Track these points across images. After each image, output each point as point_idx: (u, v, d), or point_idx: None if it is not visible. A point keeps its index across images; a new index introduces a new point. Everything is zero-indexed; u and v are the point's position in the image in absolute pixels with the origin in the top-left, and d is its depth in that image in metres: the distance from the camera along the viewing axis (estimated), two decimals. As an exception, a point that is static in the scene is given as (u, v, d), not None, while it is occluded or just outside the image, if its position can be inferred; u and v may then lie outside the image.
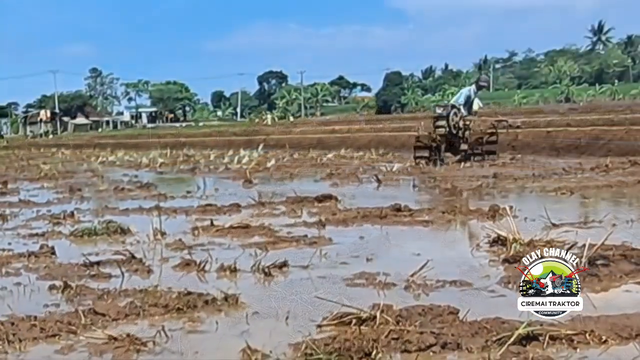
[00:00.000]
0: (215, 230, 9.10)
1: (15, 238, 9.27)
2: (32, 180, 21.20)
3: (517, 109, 65.57)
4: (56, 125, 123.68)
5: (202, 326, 4.99)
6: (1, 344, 4.63)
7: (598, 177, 15.30)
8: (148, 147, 42.82)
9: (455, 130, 19.76)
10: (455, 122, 19.69)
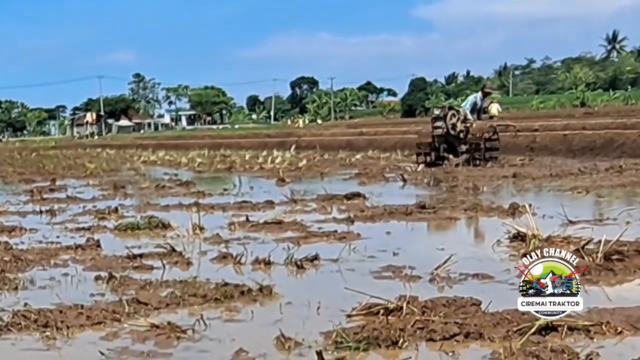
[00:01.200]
0: (251, 225, 9.10)
1: (64, 232, 9.32)
2: (78, 178, 21.34)
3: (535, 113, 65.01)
4: (101, 127, 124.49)
5: (239, 315, 4.99)
6: (50, 330, 4.65)
7: (612, 178, 15.16)
8: (187, 147, 42.96)
9: (454, 132, 19.22)
10: (453, 123, 19.15)
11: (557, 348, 3.91)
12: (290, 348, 4.14)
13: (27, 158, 40.00)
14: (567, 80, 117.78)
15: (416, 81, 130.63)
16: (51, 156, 41.89)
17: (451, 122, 18.96)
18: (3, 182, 21.26)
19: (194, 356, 4.16)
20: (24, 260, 7.05)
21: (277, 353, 4.12)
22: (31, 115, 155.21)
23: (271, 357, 4.03)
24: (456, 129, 19.04)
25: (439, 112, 19.84)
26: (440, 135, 19.27)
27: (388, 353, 4.09)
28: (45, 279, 6.33)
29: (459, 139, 19.22)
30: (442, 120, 19.16)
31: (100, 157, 36.02)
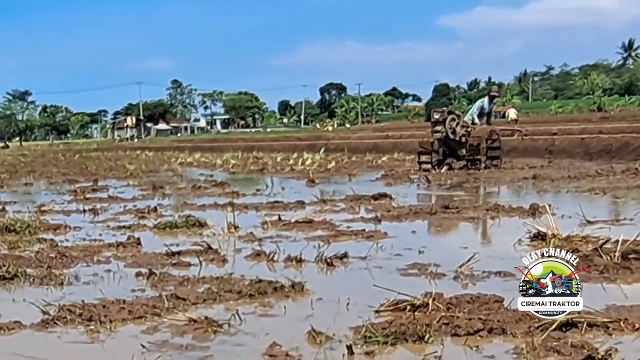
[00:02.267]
0: (283, 224, 9.11)
1: (105, 230, 9.36)
2: (119, 178, 21.45)
3: (554, 118, 64.71)
4: (140, 130, 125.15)
5: (272, 310, 4.99)
6: (94, 324, 4.68)
7: (628, 179, 15.03)
8: (222, 150, 43.04)
9: (453, 136, 18.79)
10: (452, 127, 18.73)
11: (577, 344, 3.89)
12: (321, 342, 4.14)
13: (71, 160, 40.25)
14: (584, 86, 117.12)
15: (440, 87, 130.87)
16: (93, 158, 42.14)
17: (450, 127, 18.61)
18: (48, 183, 21.40)
19: (230, 349, 4.16)
20: (69, 257, 7.09)
21: (308, 347, 4.12)
22: (74, 119, 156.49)
23: (303, 351, 4.03)
24: (456, 133, 18.69)
25: (439, 116, 19.31)
26: (439, 139, 18.96)
27: (415, 347, 4.08)
28: (89, 275, 6.37)
29: (460, 142, 18.91)
30: (442, 125, 18.78)
31: (139, 158, 36.19)
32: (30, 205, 12.93)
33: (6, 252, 7.64)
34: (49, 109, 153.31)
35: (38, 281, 6.11)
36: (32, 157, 49.78)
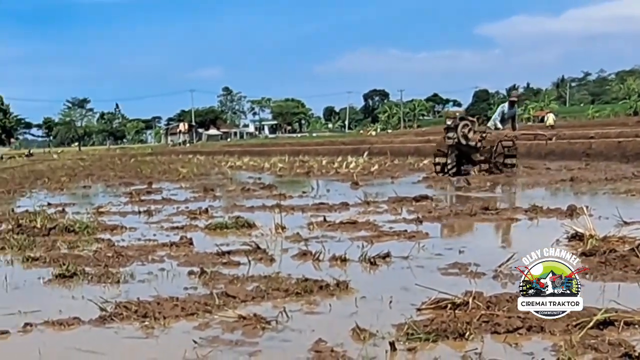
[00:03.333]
0: (328, 225, 9.10)
1: (159, 230, 9.44)
2: (172, 181, 21.61)
3: (591, 122, 63.97)
4: (192, 136, 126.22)
5: (318, 308, 4.99)
6: (149, 320, 4.72)
7: (664, 181, 14.81)
8: (269, 154, 43.21)
9: (465, 141, 18.19)
10: (464, 133, 18.19)
11: (615, 342, 3.83)
12: (365, 339, 4.13)
13: (127, 163, 40.67)
14: (620, 91, 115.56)
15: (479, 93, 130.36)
16: (148, 162, 42.51)
17: (462, 132, 18.18)
18: (105, 185, 21.63)
19: (277, 345, 4.17)
20: (125, 256, 7.17)
21: (353, 343, 4.11)
22: (130, 125, 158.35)
23: (348, 347, 4.02)
24: (468, 139, 18.19)
25: (451, 122, 18.80)
26: (452, 145, 18.58)
27: (455, 344, 4.06)
28: (143, 273, 6.42)
29: (475, 148, 18.40)
30: (454, 131, 18.30)
31: (191, 162, 36.41)
32: (89, 207, 13.06)
33: (66, 251, 7.75)
34: (106, 115, 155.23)
35: (96, 279, 6.17)
36: (90, 161, 50.42)
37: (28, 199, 16.79)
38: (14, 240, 8.42)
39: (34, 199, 16.37)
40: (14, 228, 9.38)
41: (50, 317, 4.83)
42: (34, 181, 24.57)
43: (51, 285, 6.12)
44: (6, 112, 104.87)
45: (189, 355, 4.01)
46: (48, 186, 21.66)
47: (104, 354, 4.14)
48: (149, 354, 4.08)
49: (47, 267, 6.80)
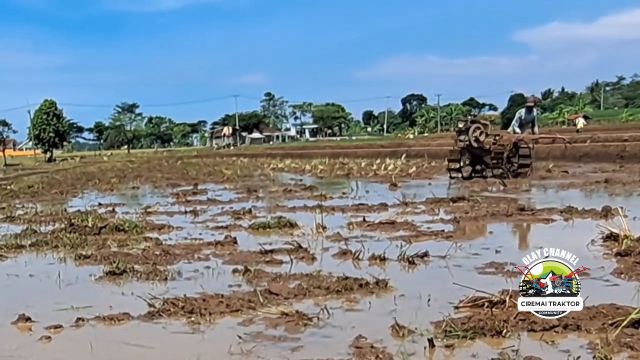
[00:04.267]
0: (367, 225, 9.08)
1: (205, 229, 9.49)
2: (217, 182, 21.71)
3: (625, 125, 63.18)
4: (236, 139, 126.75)
5: (358, 305, 4.97)
6: (195, 316, 4.75)
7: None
8: (310, 156, 43.17)
9: (477, 144, 17.87)
10: (476, 136, 17.82)
11: (650, 340, 3.78)
12: (404, 335, 4.11)
13: (173, 165, 41.00)
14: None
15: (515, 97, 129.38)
16: (193, 164, 42.75)
17: (474, 135, 17.88)
18: (153, 186, 21.81)
19: (319, 341, 4.16)
20: (172, 254, 7.22)
21: (392, 339, 4.09)
22: (177, 129, 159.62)
23: (387, 343, 4.00)
24: (480, 142, 17.85)
25: (462, 125, 18.57)
26: (463, 148, 18.29)
27: (493, 341, 4.02)
28: (190, 271, 6.46)
29: (487, 151, 18.03)
30: (465, 134, 18.01)
31: (235, 164, 36.56)
32: (138, 207, 13.20)
33: (116, 249, 7.82)
34: (154, 119, 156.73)
35: (144, 276, 6.23)
36: (138, 164, 50.88)
37: (80, 199, 17.00)
38: (66, 238, 8.53)
39: (86, 199, 16.59)
40: (67, 227, 9.51)
41: (101, 313, 4.88)
42: (85, 182, 24.89)
43: (102, 282, 6.18)
44: (60, 116, 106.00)
45: (234, 349, 4.03)
46: (99, 187, 21.92)
47: (152, 348, 4.17)
48: (196, 348, 4.09)
49: (98, 265, 6.87)
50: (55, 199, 17.17)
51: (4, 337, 4.52)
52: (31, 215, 12.44)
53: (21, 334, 4.59)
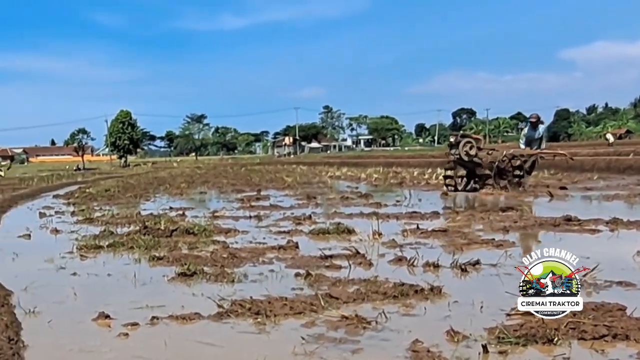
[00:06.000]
0: (420, 232, 9.00)
1: (268, 234, 9.51)
2: (278, 189, 21.76)
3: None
4: (296, 148, 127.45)
5: (413, 311, 4.92)
6: (261, 317, 4.76)
7: None
8: (365, 165, 43.00)
9: (467, 158, 17.22)
10: (466, 151, 17.16)
11: (700, 351, 3.67)
12: (458, 340, 4.06)
13: (238, 172, 41.25)
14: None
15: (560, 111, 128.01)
16: (256, 171, 43.00)
17: (465, 150, 17.55)
18: (219, 191, 21.97)
19: (377, 344, 4.14)
20: (239, 257, 7.26)
21: (447, 344, 4.04)
22: (241, 138, 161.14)
23: (443, 348, 3.96)
24: (470, 156, 17.25)
25: (453, 140, 18.09)
26: (454, 161, 17.86)
27: (544, 349, 3.95)
28: (255, 273, 6.48)
29: (479, 164, 17.39)
30: (456, 148, 17.49)
31: (295, 172, 36.59)
32: (205, 211, 13.33)
33: (186, 251, 7.90)
34: (220, 129, 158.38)
35: (213, 278, 6.27)
36: (205, 170, 51.36)
37: (152, 203, 17.24)
38: (141, 240, 8.65)
39: (157, 203, 16.82)
40: (141, 229, 9.64)
41: (174, 312, 4.93)
42: (157, 187, 25.25)
43: (174, 282, 6.24)
44: (134, 125, 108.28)
45: (298, 350, 4.03)
46: (169, 191, 22.21)
47: (221, 347, 4.19)
48: (262, 348, 4.10)
49: (170, 266, 6.95)
50: (129, 202, 17.44)
51: (85, 333, 4.59)
52: (108, 217, 12.65)
53: (100, 330, 4.66)
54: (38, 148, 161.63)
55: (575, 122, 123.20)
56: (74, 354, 4.18)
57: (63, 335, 4.58)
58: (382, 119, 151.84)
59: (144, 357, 4.01)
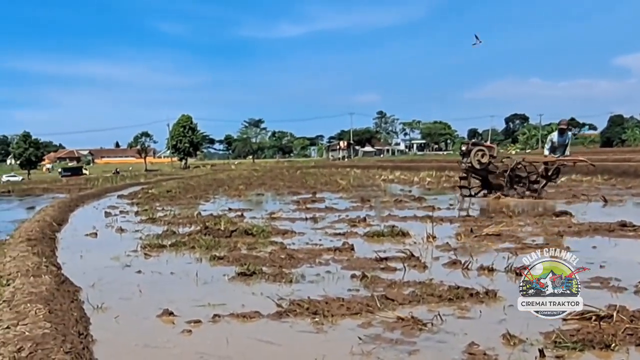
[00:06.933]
0: (474, 236, 8.89)
1: (324, 236, 9.50)
2: (333, 191, 21.70)
3: None
4: (350, 152, 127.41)
5: (468, 314, 4.87)
6: (319, 317, 4.76)
7: None
8: (418, 169, 42.71)
9: (479, 166, 16.93)
10: (478, 159, 16.87)
11: None
12: (515, 344, 4.01)
13: (293, 175, 41.31)
14: None
15: (614, 117, 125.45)
16: (311, 174, 43.00)
17: (476, 158, 17.18)
18: (276, 193, 22.04)
19: (433, 345, 4.10)
20: (296, 258, 7.27)
21: (503, 347, 3.99)
22: (296, 142, 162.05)
23: (499, 351, 3.91)
24: (482, 164, 16.94)
25: (465, 148, 17.83)
26: (466, 169, 17.49)
27: (601, 354, 3.87)
28: (312, 274, 6.49)
29: (491, 172, 17.15)
30: (468, 156, 17.19)
31: (349, 175, 36.51)
32: (263, 213, 13.39)
33: (245, 252, 7.94)
34: (277, 133, 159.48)
35: (272, 278, 6.29)
36: (262, 172, 51.61)
37: (211, 204, 17.39)
38: (202, 240, 8.74)
39: (217, 204, 16.97)
40: (202, 230, 9.73)
41: (235, 310, 4.97)
42: (216, 188, 25.45)
43: (234, 281, 6.28)
44: (194, 129, 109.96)
45: (355, 350, 4.01)
46: (228, 193, 22.37)
47: (281, 346, 4.20)
48: (320, 347, 4.10)
49: (230, 266, 6.99)
50: (190, 203, 17.63)
51: (150, 329, 4.66)
52: (170, 217, 12.82)
53: (165, 327, 4.72)
54: (103, 150, 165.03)
55: (629, 128, 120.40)
56: (140, 349, 4.24)
57: (129, 330, 4.66)
58: (435, 124, 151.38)
59: (207, 354, 4.05)
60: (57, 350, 3.64)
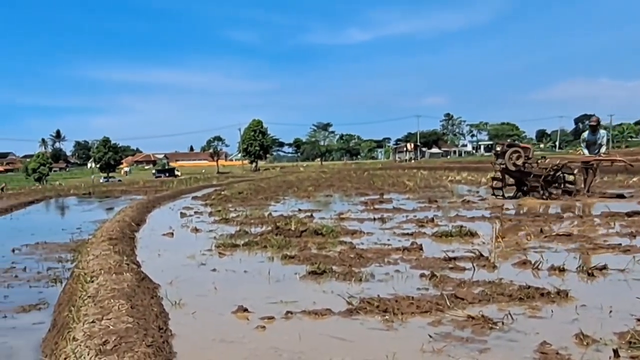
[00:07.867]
0: (544, 236, 8.71)
1: (392, 236, 9.45)
2: (400, 192, 21.58)
3: None
4: (417, 154, 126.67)
5: (540, 313, 4.76)
6: (389, 315, 4.73)
7: None
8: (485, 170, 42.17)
9: (514, 167, 16.40)
10: (512, 160, 16.37)
11: None
12: (588, 344, 3.90)
13: (361, 176, 41.19)
14: None
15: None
16: (379, 175, 42.84)
17: (511, 161, 16.50)
18: (344, 195, 22.03)
19: (504, 344, 4.03)
20: (365, 258, 7.25)
21: (576, 347, 3.89)
22: (364, 145, 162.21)
23: (571, 350, 3.81)
24: (517, 166, 16.40)
25: (500, 149, 17.23)
26: (501, 170, 16.94)
27: (678, 356, 3.72)
28: (381, 273, 6.45)
29: (527, 173, 16.55)
30: (502, 157, 16.66)
31: (416, 176, 36.23)
32: (332, 213, 13.41)
33: (315, 251, 7.96)
34: (344, 136, 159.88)
35: (342, 277, 6.29)
36: (330, 174, 51.70)
37: (281, 205, 17.50)
38: (273, 240, 8.80)
39: (287, 205, 17.07)
40: (273, 230, 9.80)
41: (306, 307, 4.99)
42: (285, 190, 25.61)
43: (305, 280, 6.30)
44: (264, 133, 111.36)
45: (426, 347, 3.97)
46: (297, 194, 22.48)
47: (352, 342, 4.19)
48: (391, 344, 4.07)
49: (301, 265, 7.03)
50: (261, 204, 17.78)
51: (226, 325, 4.71)
52: (242, 218, 12.95)
53: (240, 323, 4.76)
54: (178, 154, 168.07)
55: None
56: (217, 343, 4.29)
57: (206, 326, 4.73)
58: (503, 126, 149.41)
59: (281, 349, 4.07)
60: (140, 343, 3.71)
